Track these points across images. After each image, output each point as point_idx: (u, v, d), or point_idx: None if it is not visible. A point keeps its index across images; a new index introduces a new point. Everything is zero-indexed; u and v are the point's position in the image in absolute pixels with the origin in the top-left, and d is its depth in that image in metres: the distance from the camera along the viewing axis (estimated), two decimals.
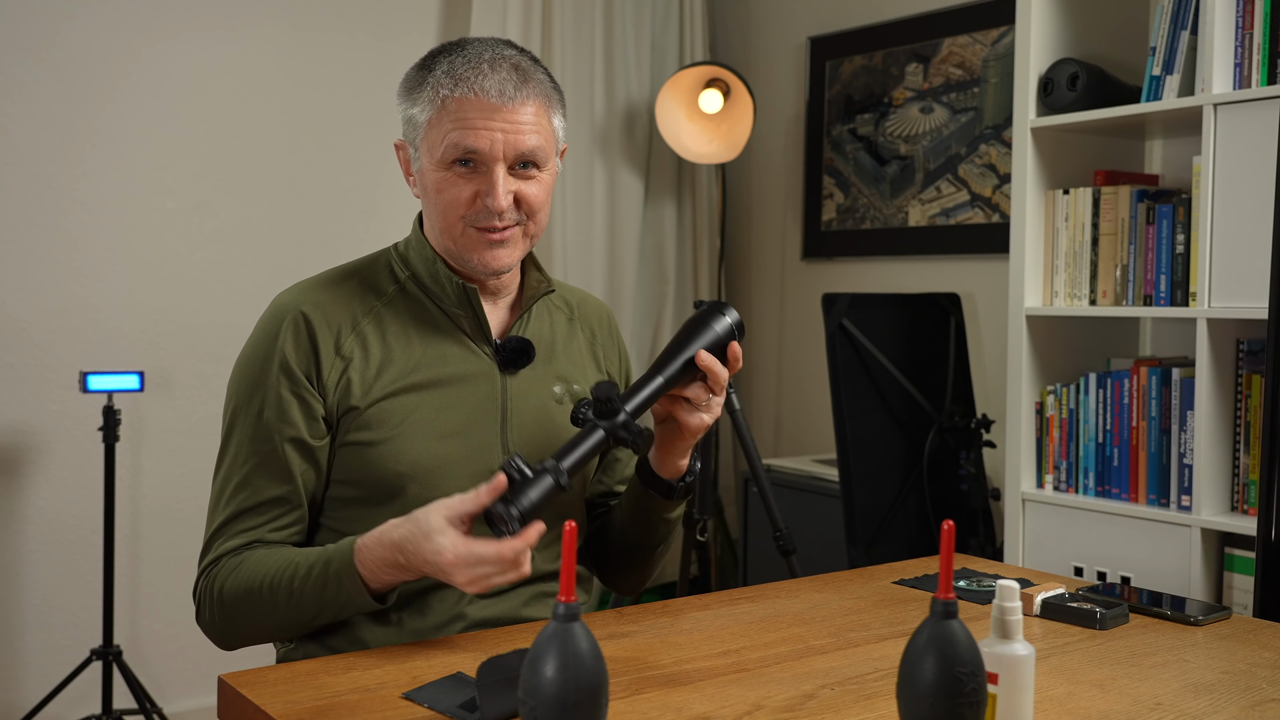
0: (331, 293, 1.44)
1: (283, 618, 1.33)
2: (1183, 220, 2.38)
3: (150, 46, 2.99)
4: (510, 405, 1.45)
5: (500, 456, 1.43)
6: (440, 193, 1.39)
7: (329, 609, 1.31)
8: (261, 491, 1.38)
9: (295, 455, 1.38)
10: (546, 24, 3.54)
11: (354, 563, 1.29)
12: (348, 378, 1.39)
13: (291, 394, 1.38)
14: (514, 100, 1.38)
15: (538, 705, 0.87)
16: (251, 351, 1.42)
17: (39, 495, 2.87)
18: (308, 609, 1.32)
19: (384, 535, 1.27)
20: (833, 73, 3.64)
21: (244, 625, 1.36)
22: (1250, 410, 2.30)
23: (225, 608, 1.35)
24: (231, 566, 1.36)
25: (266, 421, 1.38)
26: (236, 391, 1.42)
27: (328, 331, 1.40)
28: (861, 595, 1.55)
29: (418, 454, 1.39)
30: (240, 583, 1.34)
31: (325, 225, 3.24)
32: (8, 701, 2.83)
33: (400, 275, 1.47)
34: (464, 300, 1.44)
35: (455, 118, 1.37)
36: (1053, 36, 2.58)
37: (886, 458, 2.79)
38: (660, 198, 3.84)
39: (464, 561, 1.21)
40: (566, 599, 0.88)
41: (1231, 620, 1.47)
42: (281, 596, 1.32)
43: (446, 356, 1.44)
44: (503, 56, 1.40)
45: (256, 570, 1.34)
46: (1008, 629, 1.00)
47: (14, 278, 2.83)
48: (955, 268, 3.28)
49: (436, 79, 1.39)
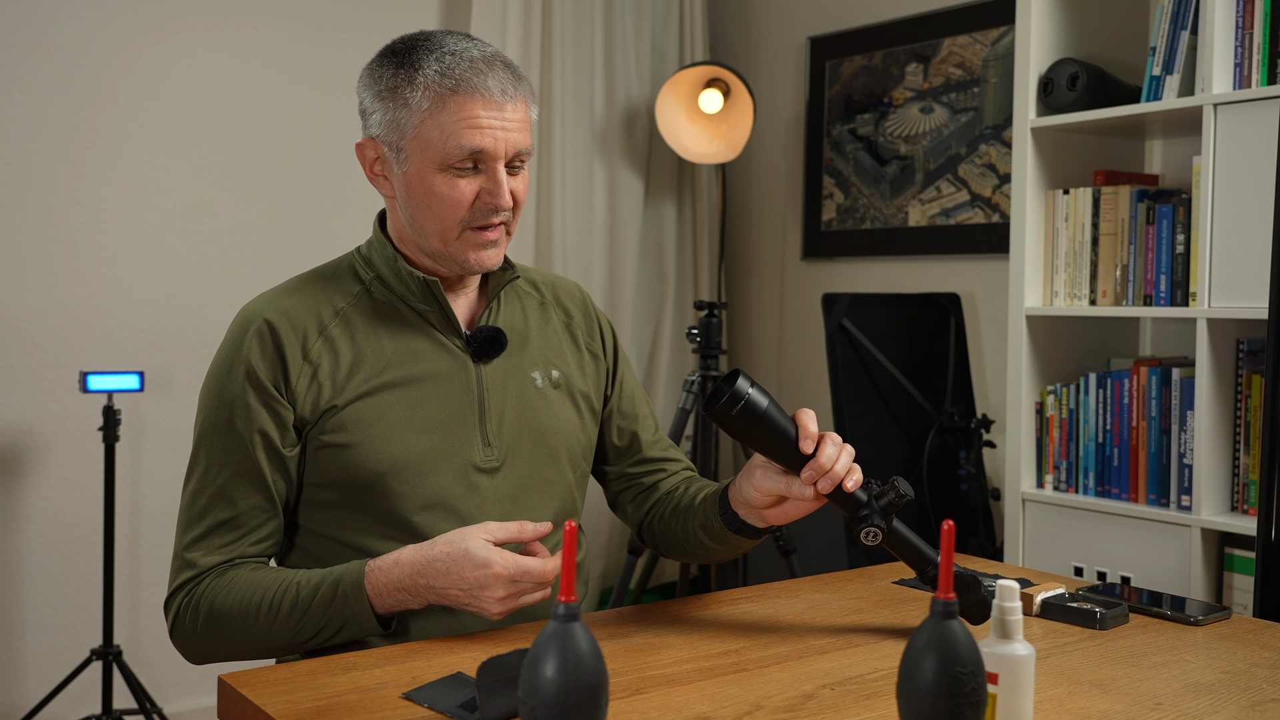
0: (296, 299, 1.44)
1: (277, 637, 1.33)
2: (1183, 220, 2.38)
3: (150, 46, 2.99)
4: (487, 396, 1.45)
5: (480, 448, 1.43)
6: (439, 195, 1.38)
7: (329, 628, 1.32)
8: (236, 503, 1.37)
9: (268, 464, 1.38)
10: (546, 24, 3.54)
11: (364, 583, 1.30)
12: (318, 382, 1.39)
13: (260, 403, 1.37)
14: (513, 99, 1.39)
15: (538, 705, 0.87)
16: (219, 364, 1.42)
17: (39, 495, 2.87)
18: (308, 628, 1.32)
19: (399, 557, 1.30)
20: (833, 73, 3.64)
21: (227, 643, 1.35)
22: (1250, 410, 2.30)
23: (211, 624, 1.34)
24: (221, 584, 1.35)
25: (238, 431, 1.37)
26: (205, 404, 1.41)
27: (294, 337, 1.40)
28: (861, 595, 1.55)
29: (396, 451, 1.38)
30: (233, 600, 1.33)
31: (325, 225, 3.24)
32: (8, 701, 2.83)
33: (365, 276, 1.47)
34: (428, 294, 1.44)
35: (458, 117, 1.36)
36: (1053, 36, 2.58)
37: (886, 458, 2.79)
38: (660, 198, 3.84)
39: (510, 574, 1.26)
40: (566, 599, 0.88)
41: (1231, 620, 1.47)
42: (282, 614, 1.31)
43: (418, 352, 1.43)
44: (490, 54, 1.40)
45: (251, 588, 1.33)
46: (1008, 629, 1.00)
47: (14, 278, 2.83)
48: (955, 268, 3.28)
49: (429, 78, 1.37)
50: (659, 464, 1.63)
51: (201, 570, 1.36)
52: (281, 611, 1.32)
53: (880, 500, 1.31)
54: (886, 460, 2.79)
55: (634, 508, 1.62)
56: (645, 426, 1.64)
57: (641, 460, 1.62)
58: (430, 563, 1.28)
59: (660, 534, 1.56)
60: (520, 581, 1.27)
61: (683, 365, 3.85)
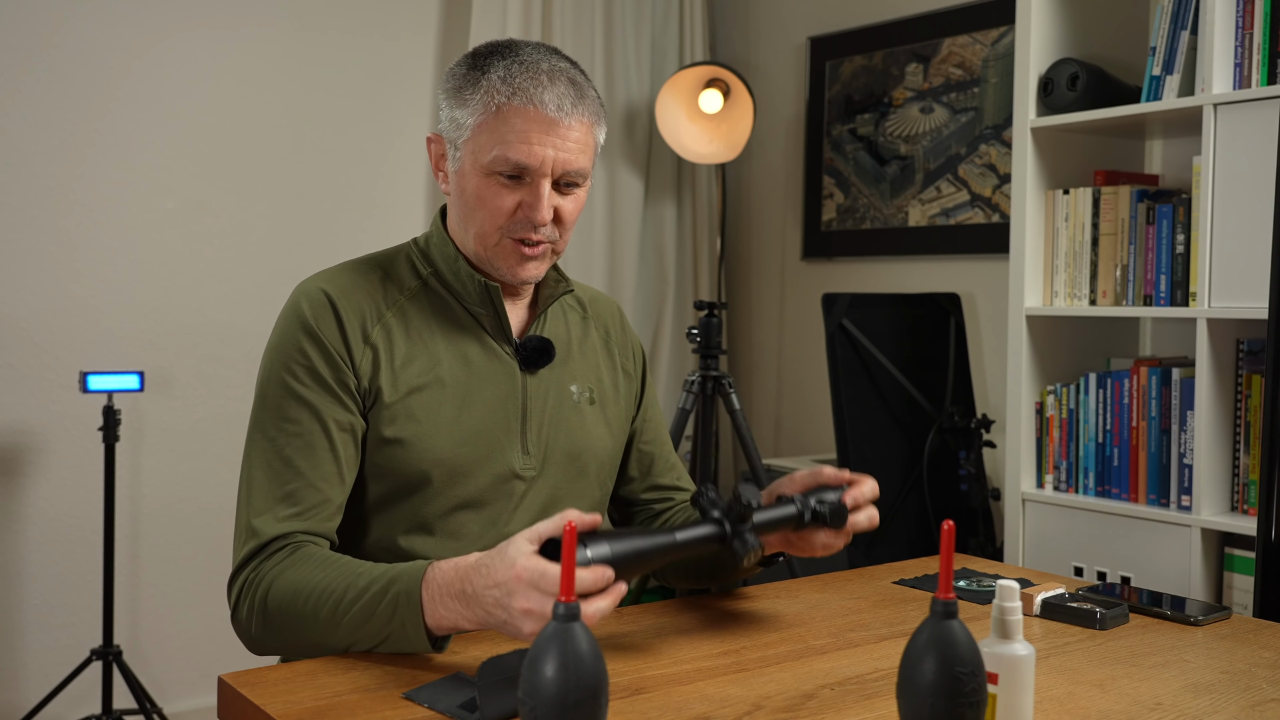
0: (355, 280, 1.42)
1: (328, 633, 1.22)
2: (1183, 220, 2.38)
3: (151, 47, 2.99)
4: (530, 405, 1.45)
5: (520, 456, 1.43)
6: (482, 200, 1.38)
7: (375, 633, 1.20)
8: (303, 472, 1.32)
9: (337, 431, 1.34)
10: (546, 24, 3.54)
11: (420, 585, 1.18)
12: (377, 365, 1.37)
13: (328, 369, 1.35)
14: (570, 117, 1.36)
15: (538, 705, 0.87)
16: (280, 337, 1.38)
17: (39, 495, 2.87)
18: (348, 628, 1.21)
19: (461, 561, 1.18)
20: (833, 73, 3.64)
21: (283, 630, 1.26)
22: (1250, 410, 2.30)
23: (269, 608, 1.26)
24: (281, 560, 1.27)
25: (304, 399, 1.34)
26: (269, 372, 1.37)
27: (354, 317, 1.38)
28: (861, 595, 1.55)
29: (441, 451, 1.38)
30: (290, 582, 1.25)
31: (325, 225, 3.24)
32: (8, 701, 2.83)
33: (422, 271, 1.46)
34: (486, 299, 1.44)
35: (509, 128, 1.35)
36: (1053, 36, 2.58)
37: (886, 458, 2.79)
38: (660, 198, 3.84)
39: (529, 578, 1.10)
40: (566, 599, 0.88)
41: (1231, 620, 1.47)
42: (326, 607, 1.22)
43: (468, 354, 1.43)
44: (558, 69, 1.38)
45: (312, 569, 1.25)
46: (1008, 629, 1.00)
47: (14, 278, 2.83)
48: (955, 268, 3.28)
49: (491, 83, 1.36)
50: (669, 492, 1.64)
51: (265, 540, 1.29)
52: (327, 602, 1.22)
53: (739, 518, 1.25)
54: (886, 460, 2.79)
55: None
56: (663, 452, 1.64)
57: (654, 487, 1.63)
58: (478, 564, 1.15)
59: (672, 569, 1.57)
60: (541, 588, 1.09)
61: (683, 365, 3.85)
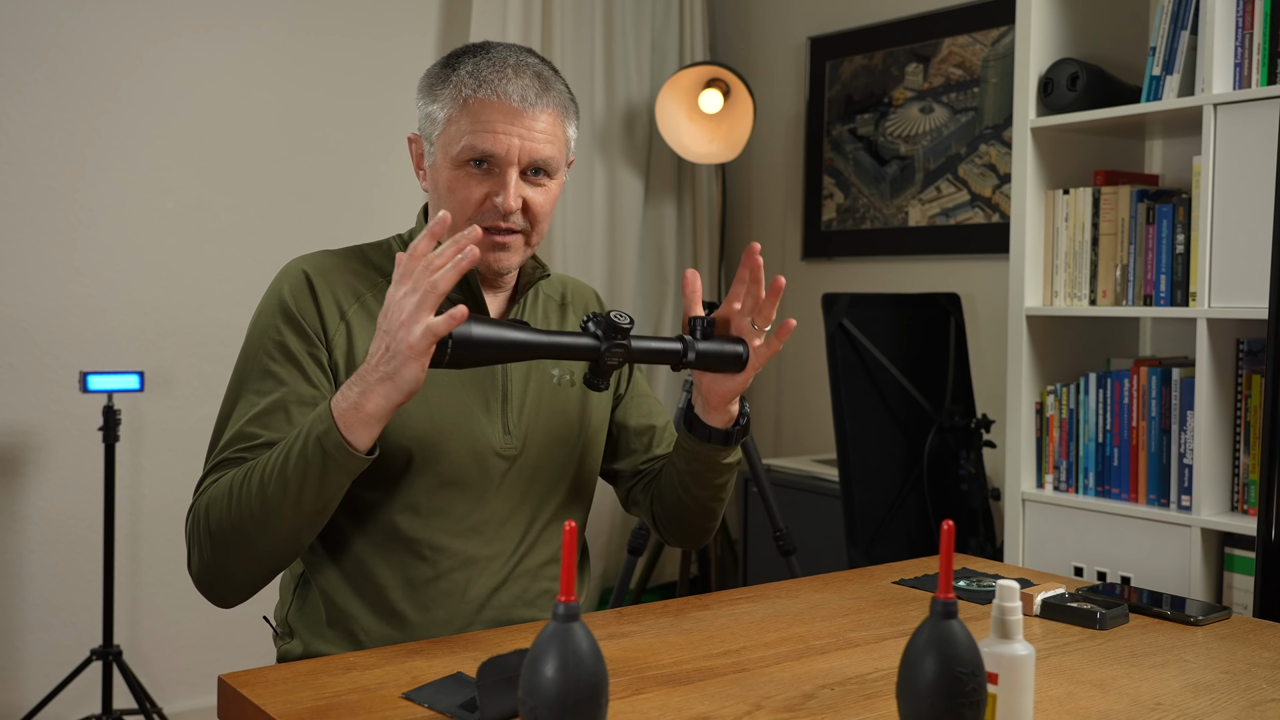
0: (335, 262, 1.47)
1: (270, 505, 1.26)
2: (1183, 220, 2.38)
3: (150, 47, 2.99)
4: (510, 387, 1.48)
5: (501, 438, 1.46)
6: (452, 191, 1.41)
7: (310, 478, 1.24)
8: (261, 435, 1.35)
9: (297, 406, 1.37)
10: (546, 24, 3.54)
11: (329, 408, 1.24)
12: (351, 341, 1.41)
13: (299, 343, 1.39)
14: (534, 107, 1.40)
15: (538, 705, 0.87)
16: (257, 315, 1.44)
17: (39, 495, 2.87)
18: (290, 487, 1.25)
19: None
20: (833, 73, 3.64)
21: (230, 546, 1.29)
22: (1250, 410, 2.30)
23: (211, 521, 1.30)
24: (219, 482, 1.33)
25: (273, 372, 1.38)
26: (245, 348, 1.43)
27: (329, 294, 1.43)
28: (861, 595, 1.55)
29: (420, 430, 1.40)
30: (221, 488, 1.30)
31: (325, 225, 3.24)
32: (8, 701, 2.83)
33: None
34: (463, 283, 1.46)
35: (474, 118, 1.39)
36: (1053, 36, 2.58)
37: (886, 458, 2.79)
38: (660, 198, 3.84)
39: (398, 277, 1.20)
40: (566, 599, 0.88)
41: (1231, 620, 1.47)
42: (254, 483, 1.27)
43: None
44: (526, 63, 1.43)
45: (236, 473, 1.30)
46: (1008, 629, 1.00)
47: (14, 278, 2.83)
48: (955, 268, 3.28)
49: (459, 78, 1.41)
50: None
51: (212, 466, 1.35)
52: (254, 479, 1.27)
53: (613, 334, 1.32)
54: (886, 460, 2.79)
55: (644, 496, 1.63)
56: (662, 424, 1.67)
57: (656, 459, 1.64)
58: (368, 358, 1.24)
59: (661, 505, 1.59)
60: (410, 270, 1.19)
61: None
